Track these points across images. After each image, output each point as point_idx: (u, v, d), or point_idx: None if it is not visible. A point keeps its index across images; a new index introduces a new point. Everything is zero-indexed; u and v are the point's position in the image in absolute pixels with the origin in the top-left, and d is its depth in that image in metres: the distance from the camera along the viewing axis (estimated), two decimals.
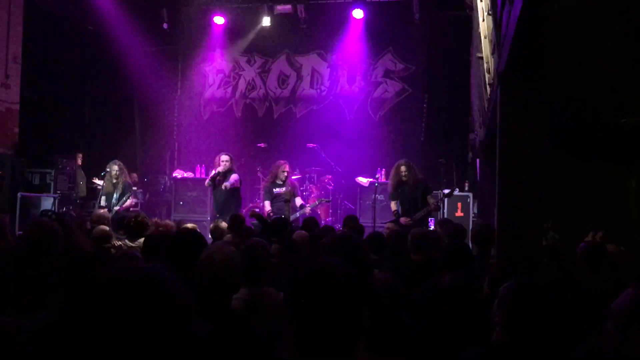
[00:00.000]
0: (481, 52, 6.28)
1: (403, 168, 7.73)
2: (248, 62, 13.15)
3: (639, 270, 3.69)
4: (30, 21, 10.43)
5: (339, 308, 1.34)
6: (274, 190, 8.51)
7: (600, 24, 3.57)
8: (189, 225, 5.81)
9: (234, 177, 8.48)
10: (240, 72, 13.21)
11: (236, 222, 6.16)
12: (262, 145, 11.19)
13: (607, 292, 3.23)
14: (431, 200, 7.69)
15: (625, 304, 2.05)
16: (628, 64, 4.49)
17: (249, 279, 3.16)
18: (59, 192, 9.89)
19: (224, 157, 8.53)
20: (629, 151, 6.96)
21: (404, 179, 7.69)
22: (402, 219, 7.51)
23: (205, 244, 3.21)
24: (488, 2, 4.70)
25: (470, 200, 9.75)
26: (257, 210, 8.92)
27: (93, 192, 10.24)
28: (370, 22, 11.93)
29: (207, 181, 8.84)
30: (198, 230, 4.42)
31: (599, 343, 2.15)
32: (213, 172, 8.60)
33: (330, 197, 10.69)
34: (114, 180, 8.59)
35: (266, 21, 12.11)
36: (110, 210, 8.10)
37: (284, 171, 8.53)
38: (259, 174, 10.96)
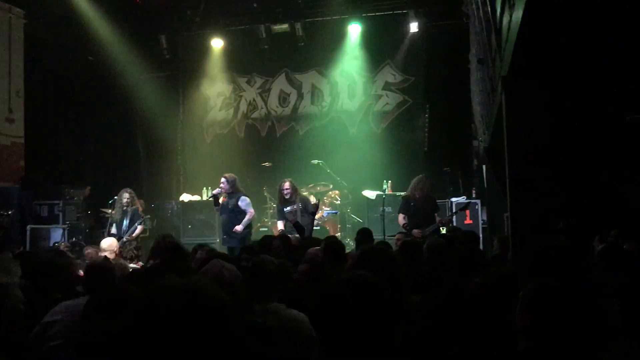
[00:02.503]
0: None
1: (429, 183, 7.73)
2: (248, 82, 13.23)
3: None
4: (31, 55, 10.52)
5: (370, 321, 1.33)
6: (284, 209, 8.40)
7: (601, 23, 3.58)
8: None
9: (245, 206, 8.30)
10: (240, 93, 13.28)
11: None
12: (267, 164, 11.21)
13: (627, 291, 3.20)
14: (438, 219, 7.68)
15: None
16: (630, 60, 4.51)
17: (255, 294, 3.17)
18: (67, 222, 9.89)
19: (221, 179, 8.39)
20: (635, 149, 6.95)
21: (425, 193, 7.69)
22: (415, 231, 7.46)
23: None
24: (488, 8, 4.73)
25: (479, 207, 9.72)
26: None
27: (101, 221, 10.24)
28: (367, 36, 12.01)
29: (209, 196, 8.63)
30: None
31: None
32: (216, 190, 8.47)
33: (337, 212, 10.70)
34: (124, 208, 8.58)
35: (264, 41, 12.19)
36: (120, 239, 8.09)
37: (283, 189, 8.39)
38: (265, 194, 10.98)
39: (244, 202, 8.22)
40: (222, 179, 8.32)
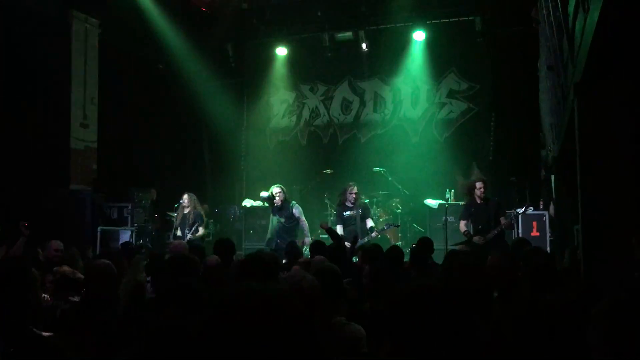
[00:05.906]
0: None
1: (479, 184, 7.54)
2: (311, 90, 13.32)
3: None
4: (105, 64, 10.97)
5: (438, 327, 1.30)
6: (344, 213, 8.45)
7: None
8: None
9: (299, 214, 8.48)
10: (303, 101, 13.38)
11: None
12: (328, 171, 11.24)
13: None
14: (503, 221, 7.47)
15: None
16: None
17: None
18: (136, 225, 10.21)
19: (277, 191, 8.53)
20: None
21: (478, 195, 7.49)
22: (476, 238, 7.29)
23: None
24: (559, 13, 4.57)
25: (547, 218, 9.39)
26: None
27: (168, 224, 10.53)
28: (432, 43, 11.86)
29: (263, 197, 8.85)
30: None
31: None
32: (264, 193, 8.68)
33: (399, 221, 10.57)
34: (185, 211, 8.82)
35: (328, 49, 12.26)
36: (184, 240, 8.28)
37: (352, 193, 8.48)
38: (326, 201, 11.00)
39: (298, 209, 8.43)
40: (277, 190, 8.46)
